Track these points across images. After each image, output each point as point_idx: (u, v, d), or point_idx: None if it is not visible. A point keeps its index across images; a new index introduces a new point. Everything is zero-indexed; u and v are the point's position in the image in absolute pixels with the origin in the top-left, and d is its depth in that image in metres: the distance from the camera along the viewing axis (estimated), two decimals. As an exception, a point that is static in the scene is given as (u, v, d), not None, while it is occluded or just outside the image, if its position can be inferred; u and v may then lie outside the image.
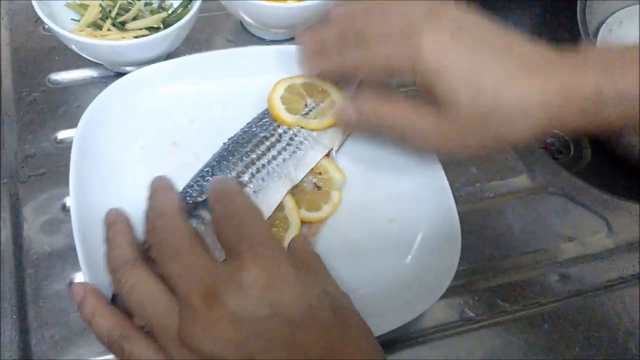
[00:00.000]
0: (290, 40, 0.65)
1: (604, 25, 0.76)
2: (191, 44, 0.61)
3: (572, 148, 0.80)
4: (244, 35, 0.65)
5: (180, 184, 0.42)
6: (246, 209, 0.34)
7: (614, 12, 0.77)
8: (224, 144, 0.49)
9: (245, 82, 0.54)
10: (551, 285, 0.51)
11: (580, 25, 0.69)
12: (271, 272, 0.31)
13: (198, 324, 0.30)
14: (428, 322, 0.47)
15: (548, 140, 0.81)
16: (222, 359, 0.29)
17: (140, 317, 0.33)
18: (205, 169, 0.46)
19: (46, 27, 0.52)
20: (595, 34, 0.75)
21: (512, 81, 0.37)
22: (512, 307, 0.49)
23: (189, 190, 0.44)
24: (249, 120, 0.51)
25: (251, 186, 0.45)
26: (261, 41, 0.65)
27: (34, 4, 0.52)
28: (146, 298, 0.32)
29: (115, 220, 0.37)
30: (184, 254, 0.32)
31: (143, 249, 0.35)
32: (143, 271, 0.33)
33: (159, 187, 0.37)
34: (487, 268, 0.51)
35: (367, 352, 0.33)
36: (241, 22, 0.65)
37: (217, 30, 0.64)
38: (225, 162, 0.46)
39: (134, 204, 0.38)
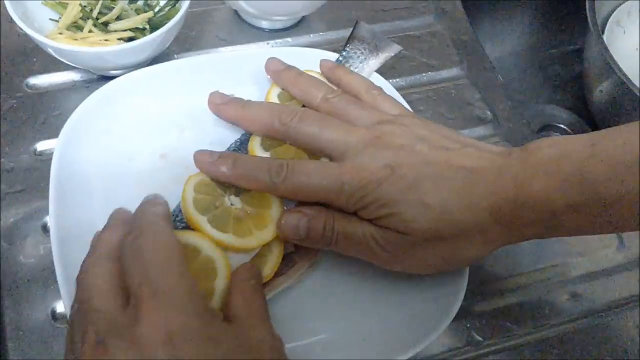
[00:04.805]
0: (288, 29, 0.61)
1: (611, 17, 0.74)
2: (179, 42, 0.57)
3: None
4: (236, 30, 0.61)
5: (170, 200, 0.38)
6: (158, 243, 0.31)
7: (621, 4, 0.74)
8: (217, 158, 0.45)
9: (240, 88, 0.51)
10: (561, 304, 0.49)
11: (589, 16, 0.66)
12: (172, 325, 0.27)
13: None
14: (433, 348, 0.45)
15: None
16: None
17: None
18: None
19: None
20: (603, 27, 0.73)
21: (457, 199, 0.36)
22: (522, 330, 0.47)
23: (179, 214, 0.41)
24: (243, 129, 0.47)
25: None
26: (259, 31, 0.61)
27: (7, 3, 0.47)
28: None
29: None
30: (94, 296, 0.30)
31: None
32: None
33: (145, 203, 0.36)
34: (494, 288, 0.49)
35: None
36: (236, 12, 0.61)
37: (207, 25, 0.60)
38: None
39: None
